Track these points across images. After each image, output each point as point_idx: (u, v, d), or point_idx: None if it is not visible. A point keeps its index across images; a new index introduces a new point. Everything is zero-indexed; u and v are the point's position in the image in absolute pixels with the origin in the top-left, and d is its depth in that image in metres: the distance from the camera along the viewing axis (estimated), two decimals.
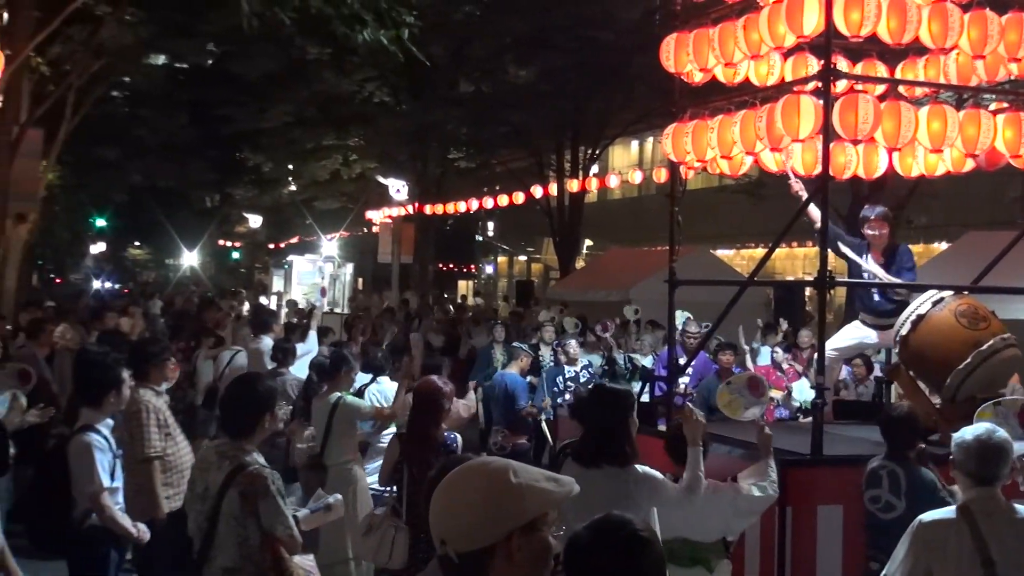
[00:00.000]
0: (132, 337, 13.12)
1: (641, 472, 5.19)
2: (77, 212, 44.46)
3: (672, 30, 8.49)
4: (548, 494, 2.70)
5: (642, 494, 5.08)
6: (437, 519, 2.73)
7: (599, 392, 5.64)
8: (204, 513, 5.09)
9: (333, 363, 9.24)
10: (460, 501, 2.69)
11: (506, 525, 2.64)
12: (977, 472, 4.67)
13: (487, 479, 2.69)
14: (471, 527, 2.64)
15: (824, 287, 7.28)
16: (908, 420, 6.41)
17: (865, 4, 7.00)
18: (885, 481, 6.15)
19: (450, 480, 2.76)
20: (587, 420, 5.45)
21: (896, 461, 6.21)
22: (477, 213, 37.38)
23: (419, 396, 7.07)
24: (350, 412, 8.70)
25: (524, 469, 2.72)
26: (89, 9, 18.33)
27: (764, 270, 9.38)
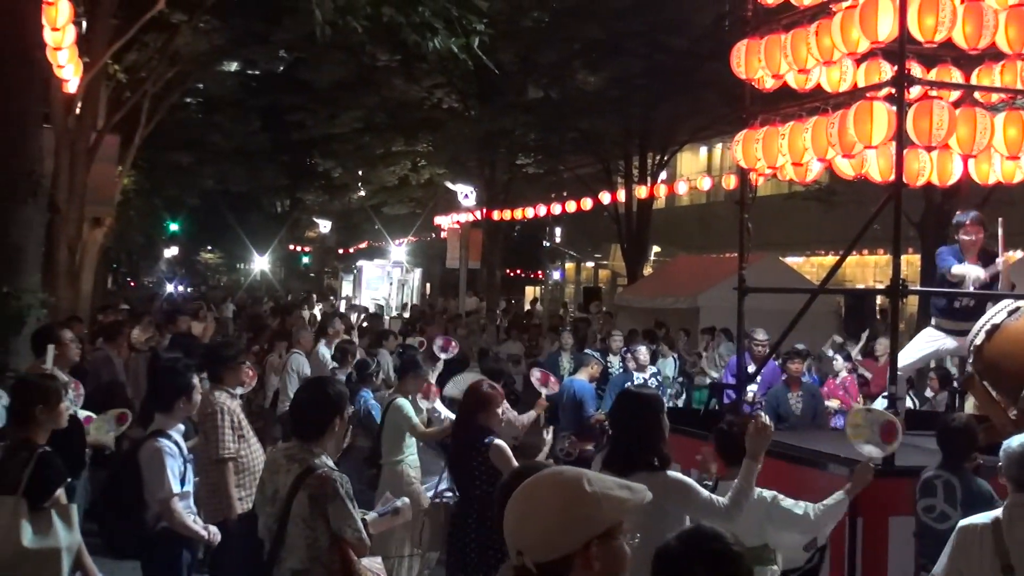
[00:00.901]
0: (203, 340, 13.31)
1: (672, 478, 5.12)
2: (151, 216, 45.08)
3: (743, 36, 8.46)
4: (623, 502, 2.70)
5: (673, 501, 5.02)
6: (513, 529, 2.72)
7: (627, 397, 5.60)
8: (274, 515, 5.14)
9: (404, 366, 9.37)
10: (537, 511, 2.68)
11: (584, 534, 2.64)
12: (1018, 477, 4.61)
13: (562, 489, 2.68)
14: (549, 537, 2.64)
15: (897, 295, 7.20)
16: (965, 431, 6.32)
17: (940, 9, 6.92)
18: (940, 491, 6.08)
19: (525, 490, 2.75)
20: (616, 426, 5.43)
21: (951, 471, 6.13)
22: (545, 219, 37.35)
23: (465, 397, 7.16)
24: (396, 416, 8.81)
25: (598, 478, 2.72)
26: (165, 17, 18.62)
27: (834, 278, 9.28)
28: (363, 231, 50.44)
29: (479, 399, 6.91)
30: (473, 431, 6.78)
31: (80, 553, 5.65)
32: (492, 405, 6.87)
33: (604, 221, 32.12)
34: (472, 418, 6.85)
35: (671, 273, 27.84)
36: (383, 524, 5.73)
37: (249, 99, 35.27)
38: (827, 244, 29.44)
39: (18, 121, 9.17)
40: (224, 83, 32.56)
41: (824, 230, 26.49)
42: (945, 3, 6.96)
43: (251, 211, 51.45)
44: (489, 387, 7.03)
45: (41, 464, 5.47)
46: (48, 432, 5.70)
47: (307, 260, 63.44)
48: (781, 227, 28.06)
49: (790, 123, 8.05)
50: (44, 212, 9.74)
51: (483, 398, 6.89)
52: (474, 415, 6.84)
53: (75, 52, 13.58)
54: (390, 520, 5.79)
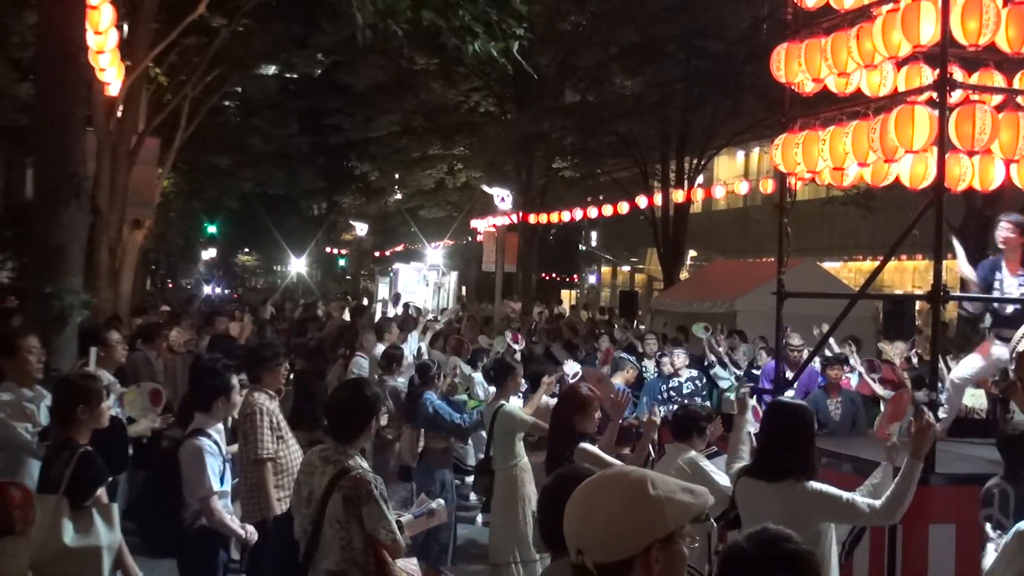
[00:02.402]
0: (240, 342, 13.37)
1: (817, 489, 5.12)
2: (190, 218, 45.45)
3: (783, 39, 8.43)
4: (687, 506, 2.68)
5: (818, 511, 5.07)
6: (575, 528, 2.71)
7: (778, 408, 5.64)
8: (309, 516, 5.17)
9: (499, 372, 9.42)
10: (600, 512, 2.67)
11: (646, 537, 2.63)
12: None
13: (627, 491, 2.67)
14: (611, 539, 2.63)
15: (938, 301, 7.15)
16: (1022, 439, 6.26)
17: (984, 12, 6.88)
18: (996, 500, 6.02)
19: (588, 490, 2.75)
20: (766, 436, 5.44)
21: (1009, 480, 6.07)
22: (581, 223, 37.35)
23: (562, 398, 7.13)
24: (507, 420, 8.83)
25: (662, 480, 2.71)
26: (205, 21, 18.78)
27: (873, 283, 9.22)
28: (399, 234, 50.59)
29: (577, 401, 6.87)
30: (568, 433, 6.75)
31: (121, 552, 5.70)
32: (590, 408, 6.82)
33: (640, 225, 32.08)
34: (568, 420, 6.81)
35: (707, 277, 27.75)
36: (418, 526, 5.75)
37: (287, 102, 35.46)
38: (865, 249, 29.30)
39: (62, 124, 9.24)
40: (263, 86, 32.76)
41: (862, 235, 26.38)
42: (988, 6, 6.92)
43: (288, 213, 51.72)
44: (588, 390, 7.00)
45: (83, 463, 5.52)
46: (90, 432, 5.75)
47: (343, 263, 63.69)
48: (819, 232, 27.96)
49: (831, 127, 8.01)
50: (87, 214, 9.80)
51: (581, 401, 6.85)
52: (570, 417, 6.81)
53: (117, 55, 13.75)
54: (425, 522, 5.80)
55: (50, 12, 9.67)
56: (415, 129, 35.74)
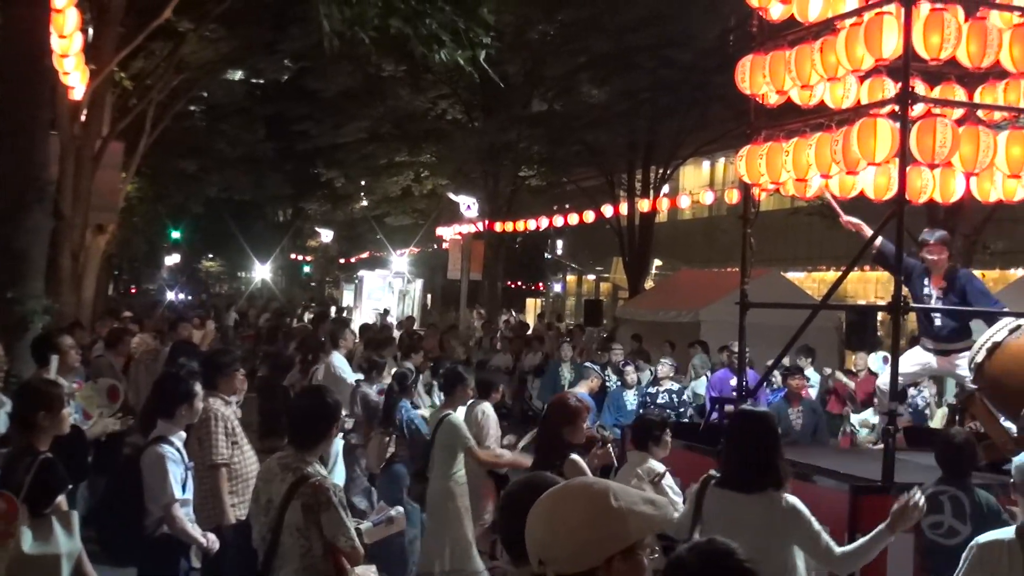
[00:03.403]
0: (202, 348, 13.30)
1: (792, 503, 5.10)
2: (154, 223, 45.19)
3: (748, 51, 8.48)
4: (649, 518, 2.69)
5: (788, 525, 5.04)
6: (537, 539, 2.72)
7: (743, 417, 5.62)
8: (268, 524, 5.16)
9: (449, 380, 9.38)
10: (563, 523, 2.68)
11: (609, 549, 2.64)
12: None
13: (590, 502, 2.68)
14: (574, 550, 2.64)
15: (899, 312, 7.21)
16: (968, 445, 6.34)
17: (945, 27, 6.95)
18: (948, 506, 6.08)
19: (551, 501, 2.76)
20: (733, 446, 5.40)
21: (957, 486, 6.14)
22: (547, 231, 37.38)
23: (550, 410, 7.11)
24: (450, 431, 8.77)
25: (624, 492, 2.72)
26: (172, 25, 18.69)
27: (835, 294, 9.29)
28: (365, 241, 50.50)
29: (565, 412, 6.76)
30: (557, 445, 6.63)
31: (80, 560, 5.66)
32: (578, 419, 6.72)
33: (606, 234, 32.14)
34: (556, 432, 6.69)
35: (673, 287, 27.83)
36: (378, 533, 5.74)
37: (255, 107, 35.36)
38: (829, 260, 29.44)
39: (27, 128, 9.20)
40: (230, 91, 32.66)
41: (826, 246, 26.50)
42: (950, 21, 6.99)
43: (254, 219, 51.56)
44: (576, 401, 6.91)
45: (43, 470, 5.47)
46: (50, 438, 5.71)
47: (308, 269, 63.47)
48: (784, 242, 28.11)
49: (794, 139, 8.06)
50: (49, 218, 9.75)
51: (570, 412, 6.75)
52: (559, 428, 6.69)
53: (82, 59, 13.65)
54: (384, 529, 5.80)
55: (14, 15, 9.62)
56: (382, 136, 35.71)
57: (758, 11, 8.46)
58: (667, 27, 24.69)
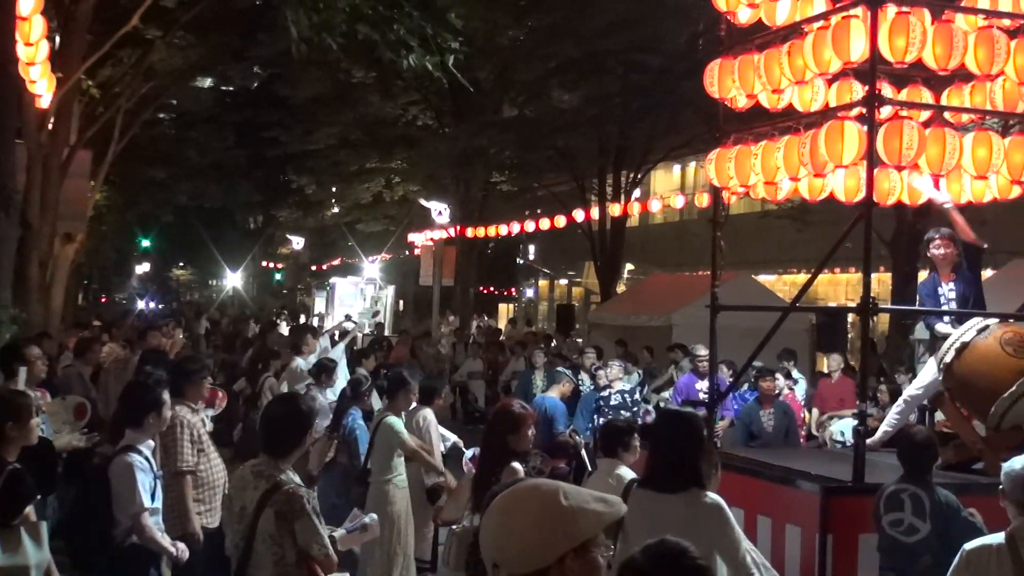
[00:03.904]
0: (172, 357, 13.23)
1: (714, 501, 5.07)
2: (123, 232, 44.93)
3: (717, 55, 8.52)
4: (599, 515, 2.72)
5: (711, 524, 5.00)
6: (490, 543, 2.75)
7: (668, 417, 5.61)
8: (241, 532, 5.13)
9: (392, 384, 9.34)
10: (513, 524, 2.71)
11: (560, 548, 2.66)
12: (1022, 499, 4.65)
13: (539, 502, 2.71)
14: (525, 550, 2.66)
15: (868, 313, 7.25)
16: (928, 443, 6.39)
17: (911, 30, 7.00)
18: (908, 504, 6.12)
19: (501, 503, 2.79)
20: (662, 445, 5.38)
21: (917, 484, 6.19)
22: (519, 236, 37.40)
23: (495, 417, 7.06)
24: (388, 434, 8.75)
25: (574, 491, 2.75)
26: (139, 33, 18.60)
27: (806, 296, 9.34)
28: (337, 248, 50.36)
29: (510, 419, 6.57)
30: (501, 452, 6.45)
31: (49, 571, 5.61)
32: (523, 427, 6.52)
33: (578, 239, 32.18)
34: (501, 439, 6.50)
35: (644, 291, 27.88)
36: (351, 541, 5.72)
37: (224, 115, 35.19)
38: (800, 263, 29.59)
39: None
40: (199, 99, 32.48)
41: (797, 249, 26.63)
42: (915, 25, 7.04)
43: (224, 227, 51.31)
44: (521, 407, 6.77)
45: (11, 481, 5.42)
46: (19, 449, 5.66)
47: (280, 277, 63.23)
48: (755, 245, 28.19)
49: (763, 142, 8.10)
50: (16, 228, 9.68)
51: (514, 419, 6.56)
52: (503, 436, 6.51)
53: (48, 67, 13.54)
54: (358, 536, 5.78)
55: None
56: (353, 142, 35.62)
57: (726, 15, 8.49)
58: (636, 32, 24.72)
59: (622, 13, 24.33)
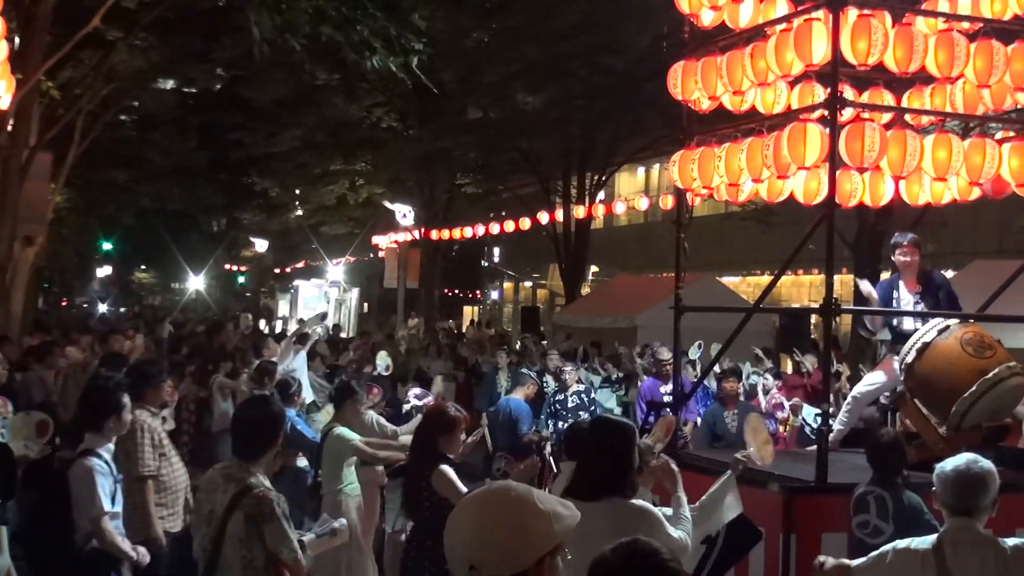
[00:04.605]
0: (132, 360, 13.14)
1: (642, 507, 5.05)
2: (85, 235, 44.58)
3: (680, 58, 8.54)
4: (565, 520, 2.77)
5: (640, 529, 4.97)
6: (466, 544, 2.74)
7: (604, 424, 5.58)
8: (209, 535, 5.09)
9: (338, 395, 9.29)
10: (496, 527, 2.71)
11: (540, 550, 2.70)
12: (953, 503, 4.61)
13: (520, 505, 2.73)
14: (508, 553, 2.68)
15: (830, 314, 7.29)
16: (894, 446, 6.43)
17: (872, 33, 7.04)
18: (873, 506, 6.16)
19: (477, 506, 2.79)
20: (589, 452, 5.32)
21: (883, 486, 6.22)
22: (483, 239, 37.38)
23: (426, 419, 7.04)
24: (336, 444, 8.72)
25: (544, 495, 2.80)
26: (100, 34, 18.44)
27: (770, 297, 9.38)
28: (300, 250, 50.13)
29: (443, 421, 6.66)
30: (431, 455, 6.53)
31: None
32: (455, 430, 6.61)
33: (543, 241, 32.23)
34: (432, 440, 6.59)
35: (609, 293, 27.97)
36: (320, 545, 5.70)
37: (187, 117, 34.96)
38: (764, 264, 29.78)
39: None
40: (161, 100, 32.22)
41: (761, 250, 26.80)
42: (877, 27, 7.09)
43: (187, 230, 50.97)
44: (455, 410, 6.79)
45: None
46: None
47: (243, 280, 62.90)
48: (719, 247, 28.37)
49: (726, 144, 8.13)
50: None
51: (447, 421, 6.64)
52: (435, 438, 6.59)
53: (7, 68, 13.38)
54: (328, 541, 5.75)
55: None
56: (317, 144, 35.46)
57: (689, 18, 8.51)
58: (600, 34, 24.81)
59: (586, 16, 24.40)
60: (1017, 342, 10.87)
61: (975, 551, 4.48)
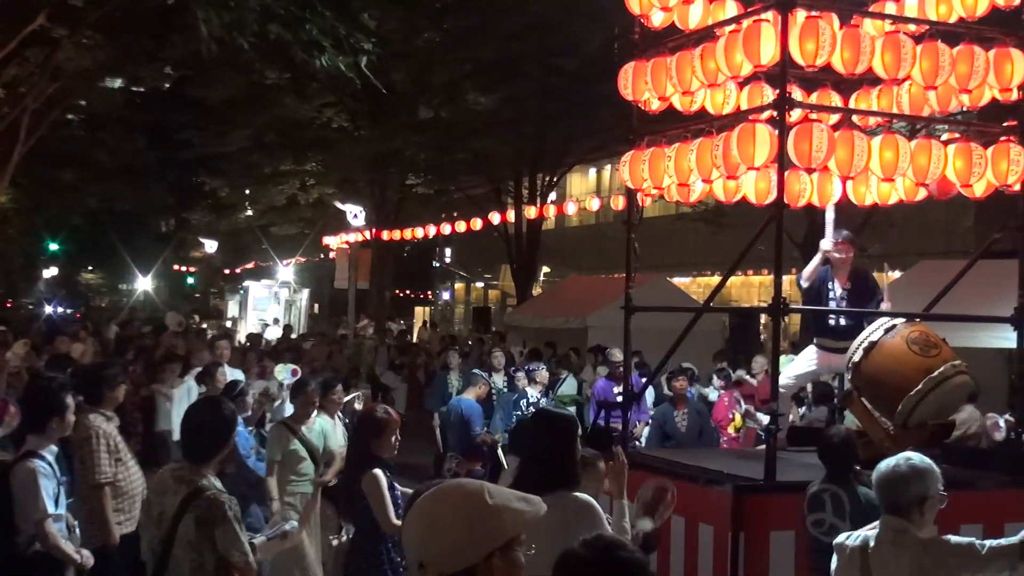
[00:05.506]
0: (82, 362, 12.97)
1: (583, 500, 5.02)
2: (31, 235, 44.03)
3: (630, 58, 8.56)
4: (522, 514, 2.76)
5: (581, 524, 4.89)
6: (416, 542, 2.76)
7: (543, 418, 5.58)
8: (159, 537, 5.04)
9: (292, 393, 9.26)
10: (441, 524, 2.73)
11: (487, 546, 2.70)
12: (882, 500, 4.66)
13: (466, 502, 2.74)
14: (454, 549, 2.69)
15: (779, 313, 7.34)
16: (848, 443, 6.47)
17: (820, 34, 7.10)
18: (828, 504, 6.20)
19: (427, 504, 2.80)
20: (533, 446, 5.33)
21: (838, 484, 6.26)
22: (435, 239, 37.34)
23: (359, 422, 7.01)
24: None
25: (498, 490, 2.79)
26: (46, 32, 18.22)
27: (720, 298, 9.44)
28: (250, 251, 49.76)
29: (372, 424, 6.63)
30: (363, 457, 6.52)
31: None
32: (386, 431, 6.56)
33: (494, 242, 32.23)
34: (364, 445, 6.58)
35: (561, 293, 28.00)
36: (271, 548, 5.66)
37: (135, 116, 34.61)
38: (715, 265, 29.93)
39: None
40: (109, 99, 31.89)
41: (712, 251, 26.93)
42: (825, 29, 7.15)
43: (135, 231, 50.43)
44: (384, 412, 6.75)
45: None
46: None
47: (192, 281, 62.38)
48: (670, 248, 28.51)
49: (676, 145, 8.16)
50: None
51: (376, 423, 6.61)
52: (366, 442, 6.57)
53: None
54: (278, 544, 5.71)
55: None
56: (267, 145, 35.18)
57: (640, 18, 8.54)
58: (553, 35, 24.84)
59: (538, 16, 24.42)
60: (961, 341, 11.02)
61: (895, 550, 4.52)
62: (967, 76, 7.64)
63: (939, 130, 8.56)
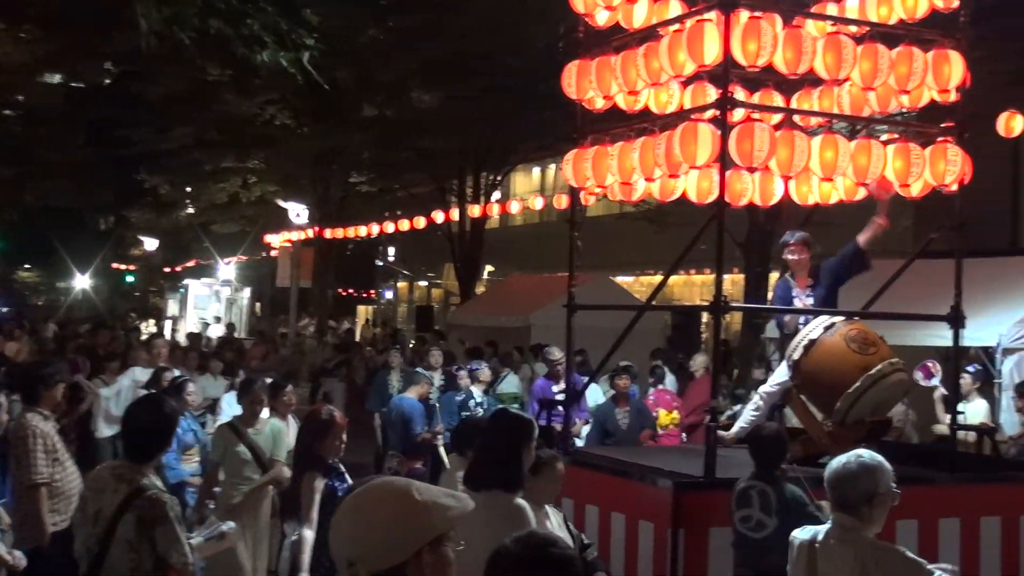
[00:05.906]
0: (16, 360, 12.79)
1: (519, 504, 5.03)
2: None
3: (575, 57, 8.58)
4: (449, 510, 2.79)
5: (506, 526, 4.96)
6: (344, 541, 2.76)
7: (500, 417, 5.59)
8: (95, 536, 4.96)
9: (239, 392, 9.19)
10: (369, 521, 2.74)
11: (416, 542, 2.72)
12: (831, 497, 4.71)
13: (394, 499, 2.76)
14: (383, 546, 2.70)
15: (719, 311, 7.39)
16: (776, 440, 6.54)
17: (762, 35, 7.15)
18: (756, 500, 6.25)
19: (355, 501, 2.81)
20: (485, 443, 5.35)
21: (765, 480, 6.32)
22: (378, 238, 37.18)
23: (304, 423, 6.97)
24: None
25: (425, 487, 2.82)
26: None
27: (662, 296, 9.49)
28: (191, 250, 49.25)
29: (316, 426, 6.63)
30: (307, 459, 6.52)
31: None
32: (329, 433, 6.56)
33: (438, 240, 32.14)
34: (307, 446, 6.58)
35: (504, 292, 28.01)
36: (209, 549, 5.60)
37: (74, 112, 34.16)
38: (657, 264, 30.01)
39: None
40: (48, 95, 31.49)
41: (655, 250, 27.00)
42: (767, 29, 7.20)
43: (73, 228, 49.75)
44: (328, 414, 6.74)
45: None
46: None
47: (132, 279, 61.68)
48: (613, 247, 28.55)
49: (619, 143, 8.19)
50: None
51: (319, 425, 6.61)
52: (309, 444, 6.57)
53: None
54: (215, 545, 5.66)
55: None
56: (208, 142, 34.86)
57: (584, 17, 8.56)
58: (498, 34, 24.82)
59: (482, 15, 24.39)
60: (899, 339, 11.14)
61: (841, 547, 4.56)
62: (906, 77, 7.73)
63: (879, 130, 8.65)
